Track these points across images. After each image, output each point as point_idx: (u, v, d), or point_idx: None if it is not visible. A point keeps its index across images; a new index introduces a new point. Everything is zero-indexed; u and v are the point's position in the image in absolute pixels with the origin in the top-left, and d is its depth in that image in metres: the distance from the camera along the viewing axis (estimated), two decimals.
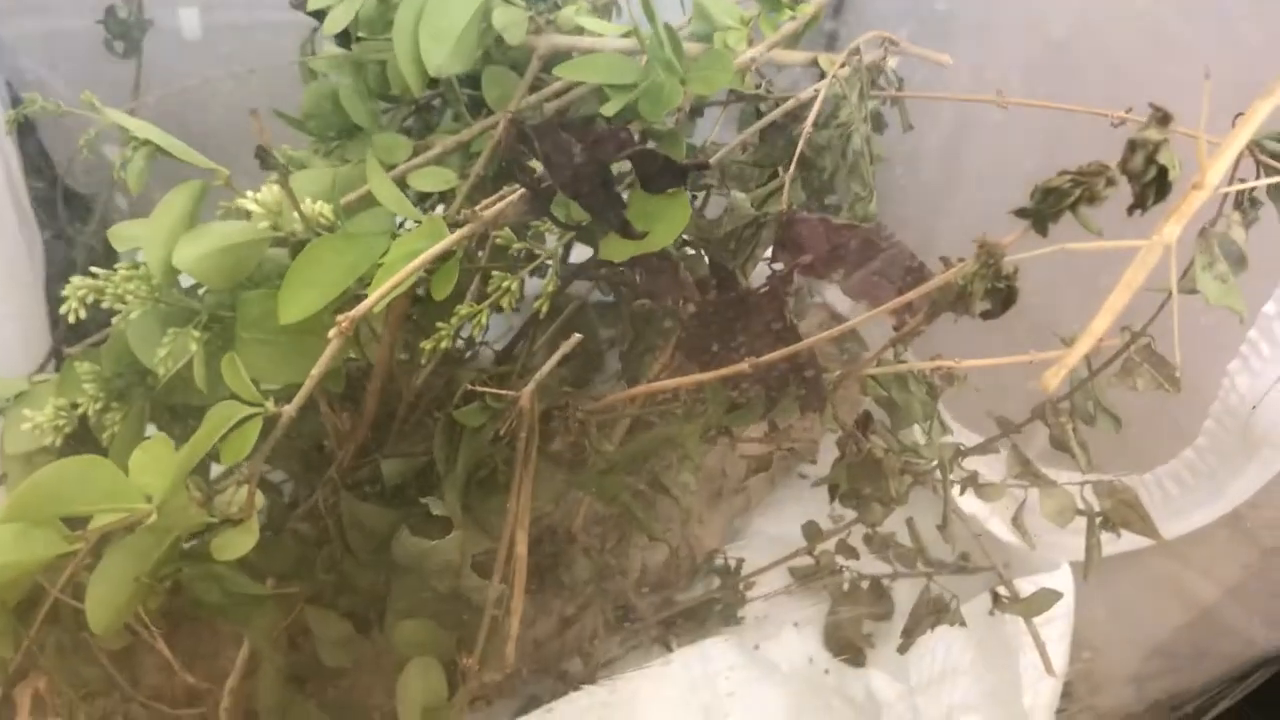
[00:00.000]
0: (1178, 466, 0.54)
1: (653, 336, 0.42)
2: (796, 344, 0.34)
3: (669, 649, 0.64)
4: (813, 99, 0.45)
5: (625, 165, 0.37)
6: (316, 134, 0.52)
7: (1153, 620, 0.56)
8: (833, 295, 0.75)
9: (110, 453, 0.44)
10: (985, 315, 0.30)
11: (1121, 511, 0.50)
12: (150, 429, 0.46)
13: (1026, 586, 0.56)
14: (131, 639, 0.42)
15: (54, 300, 0.69)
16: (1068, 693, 0.57)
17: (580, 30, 0.49)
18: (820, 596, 0.68)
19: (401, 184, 0.48)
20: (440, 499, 0.41)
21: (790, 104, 0.46)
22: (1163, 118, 0.28)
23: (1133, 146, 0.28)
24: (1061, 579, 0.56)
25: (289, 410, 0.34)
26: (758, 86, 0.52)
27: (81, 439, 0.46)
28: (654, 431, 0.39)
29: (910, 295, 0.30)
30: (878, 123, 0.49)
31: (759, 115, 0.50)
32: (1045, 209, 0.29)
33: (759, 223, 0.40)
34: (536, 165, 0.35)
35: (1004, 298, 0.30)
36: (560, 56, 0.50)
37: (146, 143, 0.41)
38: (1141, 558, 0.55)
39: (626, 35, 0.47)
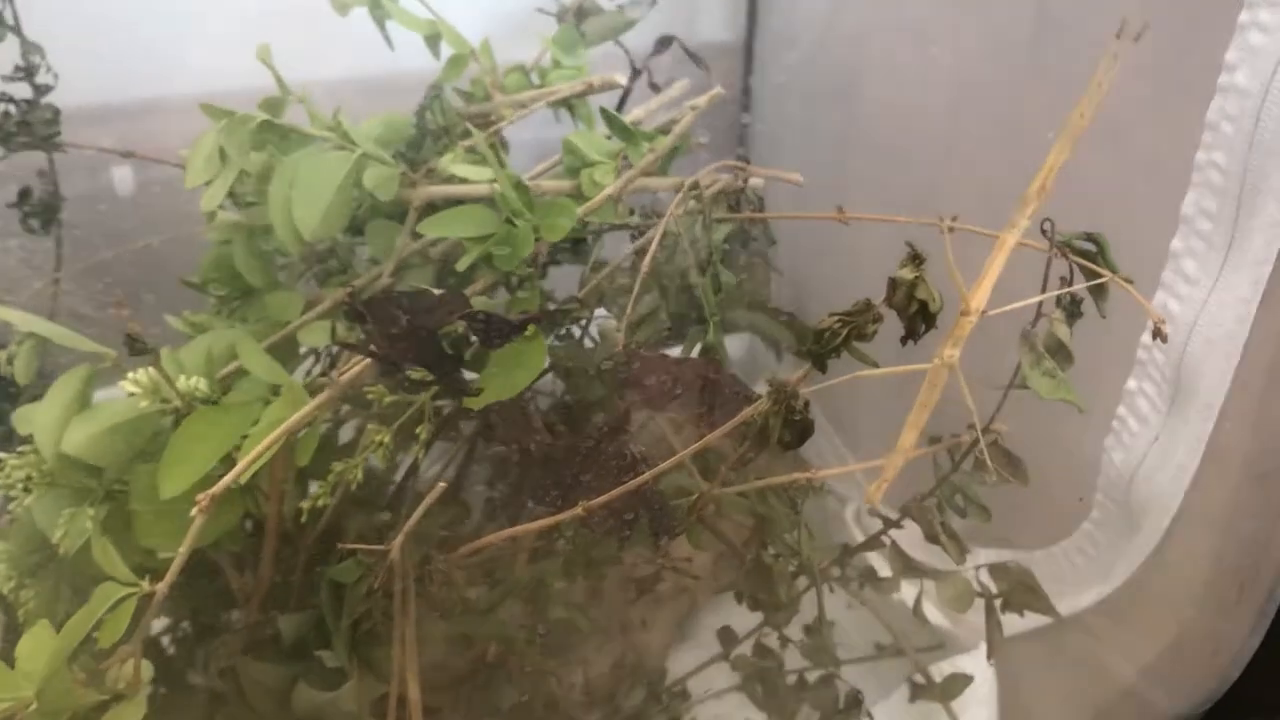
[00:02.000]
0: (1080, 539, 0.55)
1: (510, 479, 0.44)
2: (636, 479, 0.36)
3: None
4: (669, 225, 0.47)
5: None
6: (218, 296, 0.55)
7: (1075, 697, 0.57)
8: None
9: (24, 629, 0.46)
10: (785, 446, 0.32)
11: (1019, 593, 0.51)
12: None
13: (948, 669, 0.57)
14: None
15: None
16: None
17: (452, 178, 0.52)
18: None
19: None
20: (334, 652, 0.42)
21: (650, 233, 0.48)
22: (915, 257, 0.30)
23: (893, 285, 0.30)
24: (979, 660, 0.57)
25: (161, 588, 0.36)
26: (632, 213, 0.54)
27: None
28: (516, 574, 0.40)
29: (712, 436, 0.32)
30: (742, 240, 0.51)
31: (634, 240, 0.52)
32: (821, 349, 0.31)
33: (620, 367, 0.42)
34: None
35: (800, 430, 0.32)
36: (441, 204, 0.52)
37: (31, 335, 0.44)
38: (1059, 633, 0.56)
39: (492, 182, 0.50)
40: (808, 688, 0.60)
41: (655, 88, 0.66)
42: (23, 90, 0.61)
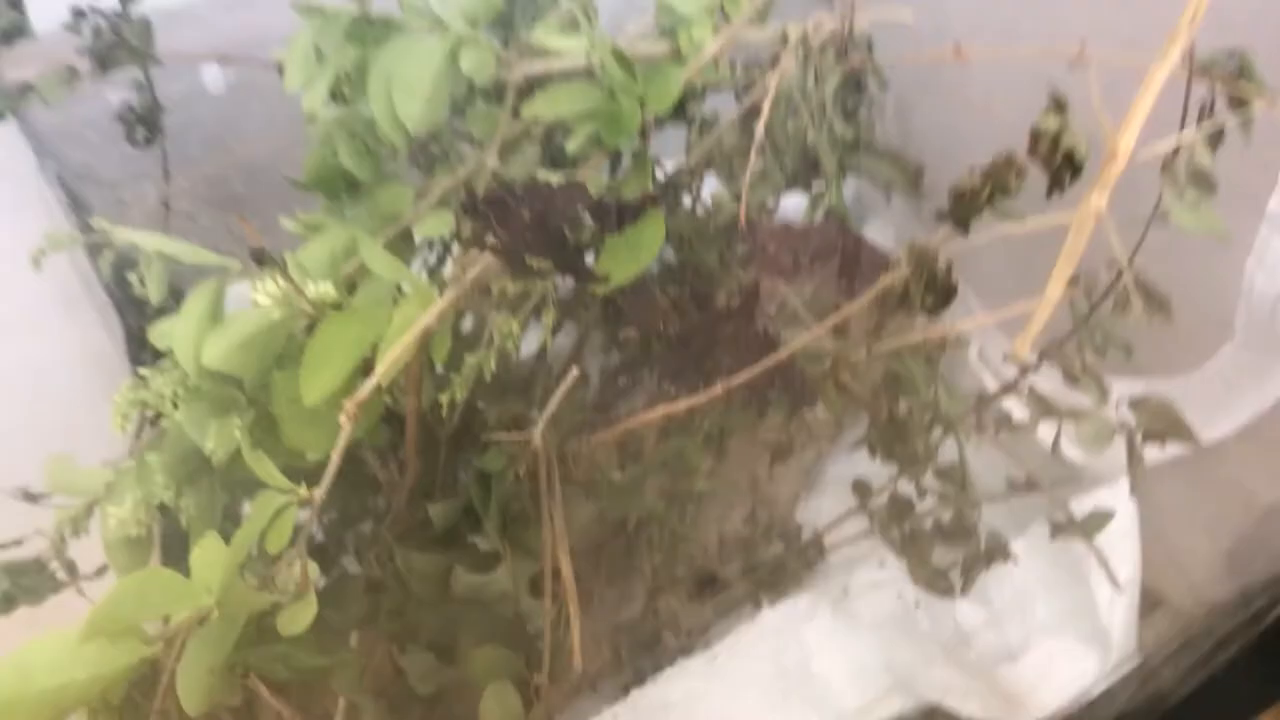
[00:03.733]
0: (1221, 363, 0.54)
1: (642, 361, 0.44)
2: (774, 356, 0.35)
3: (758, 607, 0.66)
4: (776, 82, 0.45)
5: None
6: (326, 194, 0.55)
7: (1218, 524, 0.56)
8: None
9: (190, 536, 0.48)
10: (930, 311, 0.31)
11: (1160, 425, 0.50)
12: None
13: (1089, 504, 0.56)
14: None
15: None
16: (1145, 600, 0.58)
17: (547, 51, 0.50)
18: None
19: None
20: (485, 536, 0.43)
21: (758, 90, 0.46)
22: (1058, 104, 0.28)
23: (1035, 135, 0.29)
24: (1120, 493, 0.57)
25: (318, 494, 0.37)
26: (733, 67, 0.52)
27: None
28: (654, 450, 0.41)
29: (852, 307, 0.31)
30: (856, 89, 0.49)
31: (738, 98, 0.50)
32: (964, 210, 0.30)
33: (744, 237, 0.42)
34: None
35: (944, 294, 0.31)
36: (538, 79, 0.51)
37: (159, 255, 0.44)
38: (1200, 462, 0.55)
39: (592, 51, 0.48)
40: (945, 532, 0.61)
41: None
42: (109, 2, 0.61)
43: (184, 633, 0.38)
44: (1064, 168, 0.29)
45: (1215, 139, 0.38)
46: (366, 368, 0.41)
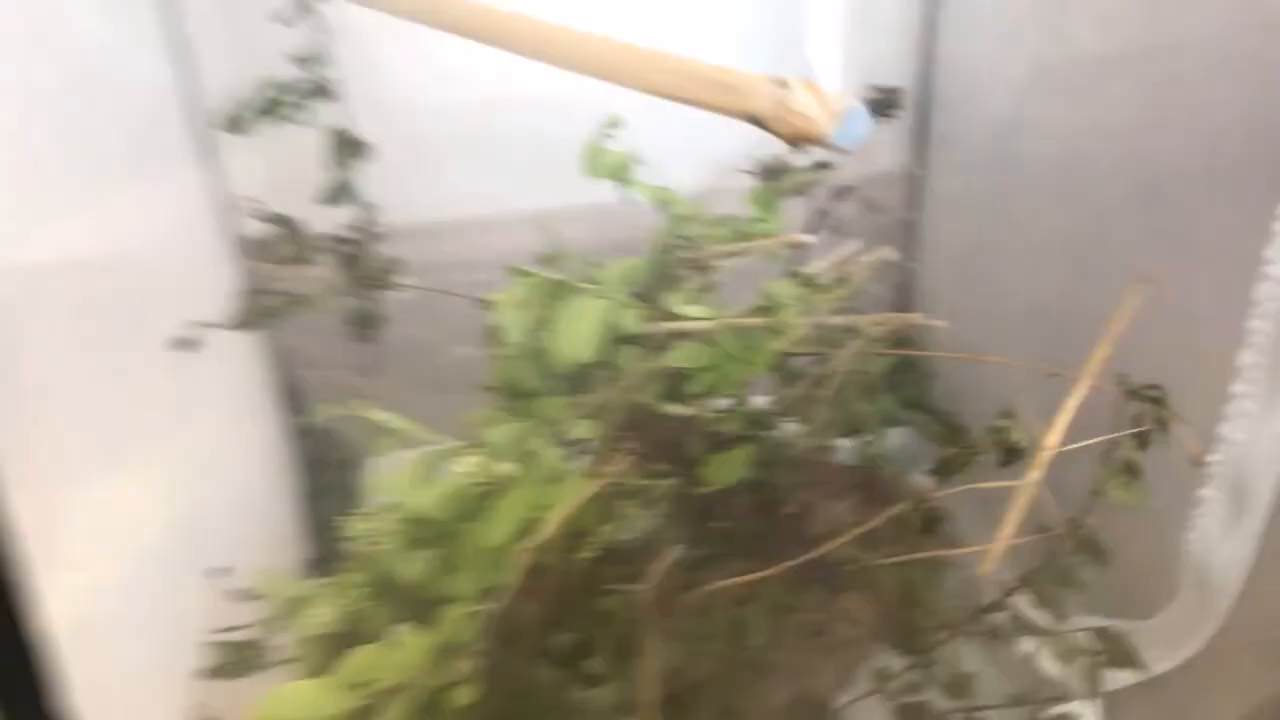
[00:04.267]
0: (1171, 613, 0.68)
1: (723, 545, 0.61)
2: (815, 549, 0.52)
3: None
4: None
5: None
6: (507, 397, 0.74)
7: None
8: None
9: (375, 635, 0.65)
10: (921, 533, 0.48)
11: (1116, 652, 0.65)
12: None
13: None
14: None
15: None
16: None
17: (678, 316, 0.69)
18: None
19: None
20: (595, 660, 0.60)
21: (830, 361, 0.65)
22: (1007, 414, 0.45)
23: (990, 430, 0.46)
24: (1087, 706, 0.70)
25: (497, 606, 0.54)
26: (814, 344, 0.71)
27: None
28: (725, 613, 0.57)
29: (873, 522, 0.48)
30: (907, 369, 0.67)
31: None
32: (944, 470, 0.47)
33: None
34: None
35: (930, 522, 0.48)
36: (671, 334, 0.70)
37: (390, 427, 0.63)
38: (1157, 688, 0.69)
39: (712, 320, 0.67)
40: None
41: (833, 231, 0.83)
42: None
43: (390, 693, 0.54)
44: (1011, 452, 0.46)
45: (1143, 442, 0.55)
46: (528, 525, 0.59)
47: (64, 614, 0.51)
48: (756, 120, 0.57)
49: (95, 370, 0.62)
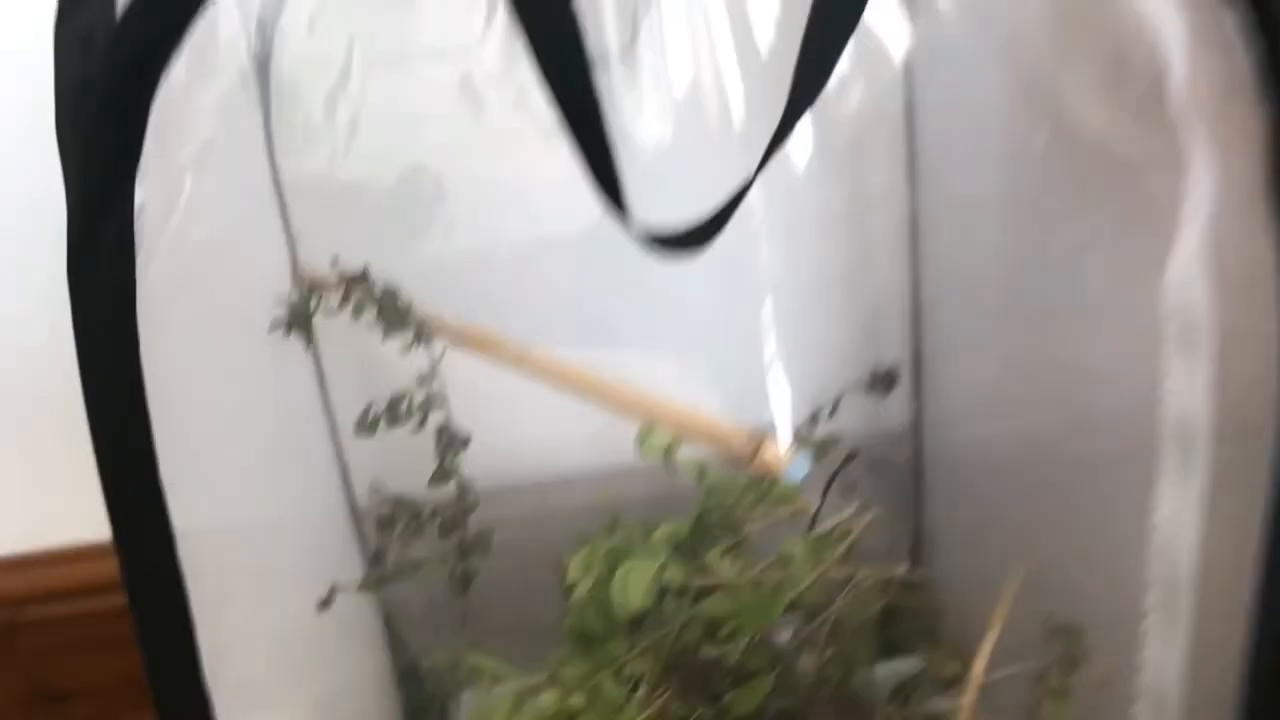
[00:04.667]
0: None
1: None
2: None
3: None
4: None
5: None
6: (576, 639, 0.91)
7: None
8: None
9: None
10: None
11: None
12: None
13: None
14: None
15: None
16: None
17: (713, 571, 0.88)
18: None
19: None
20: None
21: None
22: (948, 648, 0.62)
23: (929, 663, 0.63)
24: None
25: None
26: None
27: None
28: None
29: None
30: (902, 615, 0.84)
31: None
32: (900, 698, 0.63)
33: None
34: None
35: None
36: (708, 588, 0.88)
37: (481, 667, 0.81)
38: None
39: (738, 575, 0.85)
40: None
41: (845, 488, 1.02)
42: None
43: None
44: (949, 681, 0.63)
45: (1070, 667, 0.71)
46: None
47: None
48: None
49: (263, 626, 0.81)
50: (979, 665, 0.63)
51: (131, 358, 0.60)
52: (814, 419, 1.09)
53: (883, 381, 1.11)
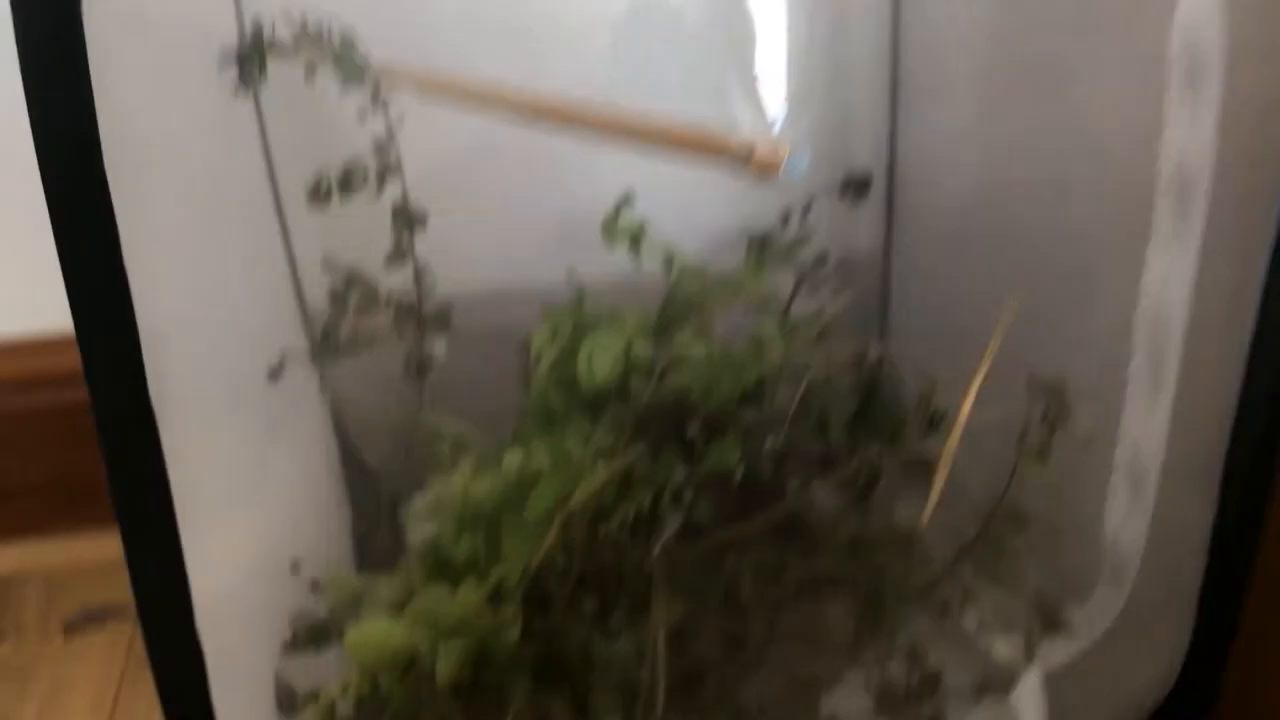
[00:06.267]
0: (1097, 599, 0.82)
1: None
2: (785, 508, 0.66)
3: None
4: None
5: None
6: (538, 419, 0.88)
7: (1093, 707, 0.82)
8: None
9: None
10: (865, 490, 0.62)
11: (1048, 621, 0.78)
12: None
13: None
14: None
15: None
16: None
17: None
18: None
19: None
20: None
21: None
22: (930, 385, 0.60)
23: (918, 402, 0.60)
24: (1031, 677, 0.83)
25: (535, 561, 0.69)
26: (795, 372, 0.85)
27: None
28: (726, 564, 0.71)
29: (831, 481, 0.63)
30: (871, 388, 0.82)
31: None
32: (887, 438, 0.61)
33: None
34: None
35: (869, 482, 0.62)
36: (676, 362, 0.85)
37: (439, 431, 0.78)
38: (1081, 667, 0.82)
39: (709, 354, 0.82)
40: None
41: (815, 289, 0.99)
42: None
43: (450, 632, 0.68)
44: (930, 421, 0.61)
45: (1052, 426, 0.69)
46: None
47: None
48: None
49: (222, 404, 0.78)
50: (965, 407, 0.61)
51: (84, 101, 0.56)
52: (785, 221, 1.06)
53: (855, 186, 1.08)
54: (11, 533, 1.28)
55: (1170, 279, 0.69)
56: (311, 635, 0.82)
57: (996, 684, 0.80)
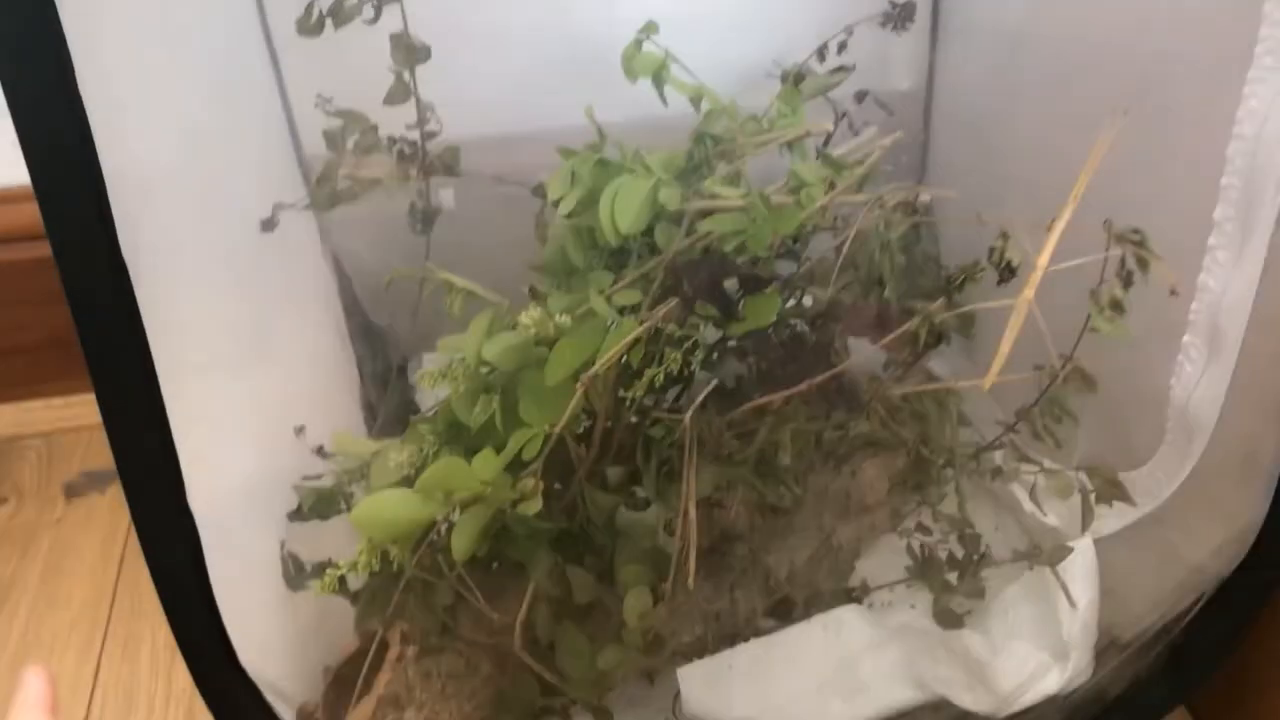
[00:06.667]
0: (1159, 460, 0.76)
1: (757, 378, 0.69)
2: (832, 370, 0.60)
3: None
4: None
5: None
6: (554, 275, 0.81)
7: (1149, 574, 0.77)
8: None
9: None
10: (927, 347, 0.56)
11: (1107, 487, 0.73)
12: None
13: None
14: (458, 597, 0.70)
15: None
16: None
17: (714, 195, 0.77)
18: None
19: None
20: (643, 487, 0.68)
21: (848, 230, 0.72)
22: (1004, 234, 0.53)
23: (991, 251, 0.53)
24: (1084, 544, 0.78)
25: (557, 429, 0.63)
26: (835, 220, 0.78)
27: None
28: (765, 433, 0.65)
29: (888, 338, 0.56)
30: (914, 238, 0.74)
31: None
32: (955, 287, 0.54)
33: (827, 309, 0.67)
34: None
35: (937, 338, 0.55)
36: (706, 211, 0.78)
37: (465, 289, 0.71)
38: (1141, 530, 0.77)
39: (744, 197, 0.75)
40: (957, 563, 0.83)
41: (854, 130, 0.90)
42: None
43: (463, 504, 0.63)
44: (1005, 269, 0.53)
45: (1127, 281, 0.62)
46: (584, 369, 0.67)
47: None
48: None
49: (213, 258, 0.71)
50: (1044, 254, 0.54)
51: None
52: (821, 54, 0.97)
53: (899, 13, 0.98)
54: (7, 394, 1.23)
55: (1273, 112, 0.61)
56: (318, 504, 0.77)
57: (1046, 553, 0.76)
